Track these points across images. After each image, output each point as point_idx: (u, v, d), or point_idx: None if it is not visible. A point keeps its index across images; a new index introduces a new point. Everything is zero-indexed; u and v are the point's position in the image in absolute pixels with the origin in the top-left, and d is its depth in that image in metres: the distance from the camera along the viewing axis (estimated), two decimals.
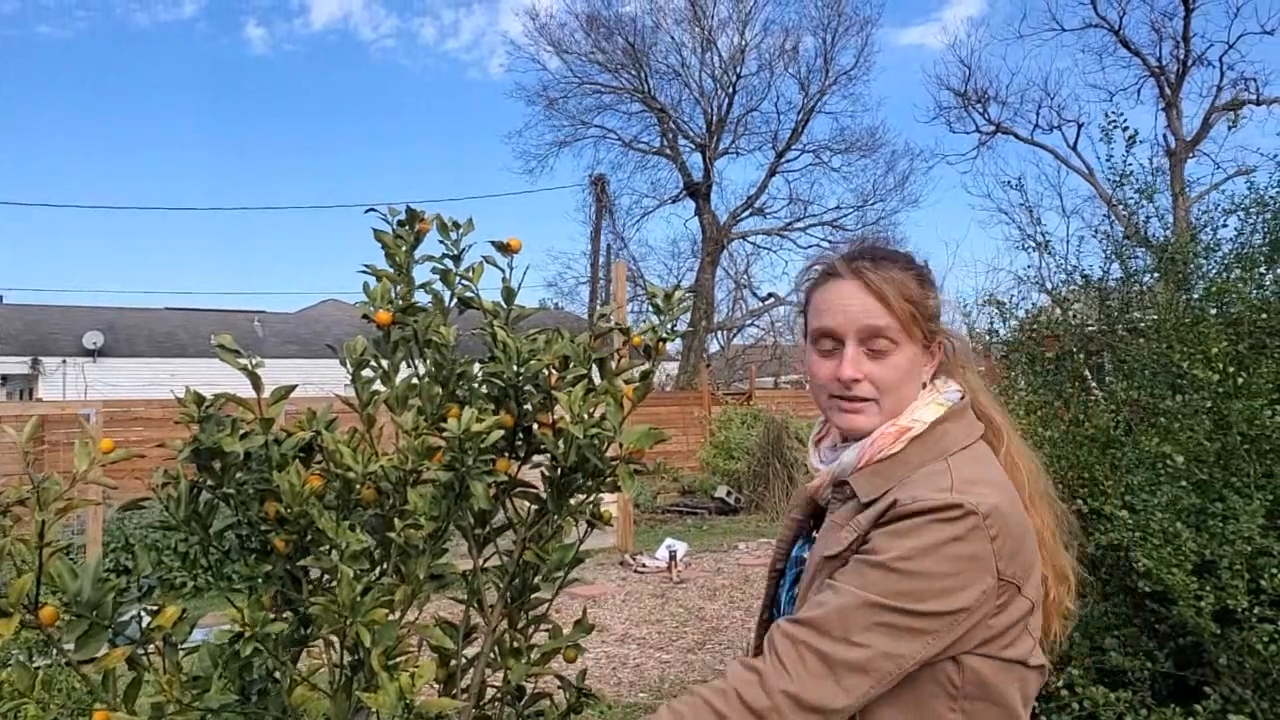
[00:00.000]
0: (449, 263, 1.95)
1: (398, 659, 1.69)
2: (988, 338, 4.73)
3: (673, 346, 27.83)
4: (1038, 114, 27.07)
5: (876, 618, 1.25)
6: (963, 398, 1.48)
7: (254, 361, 1.75)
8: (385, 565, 1.82)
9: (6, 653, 3.44)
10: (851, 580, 1.30)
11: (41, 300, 30.08)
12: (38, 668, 1.99)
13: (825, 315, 1.46)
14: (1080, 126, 26.15)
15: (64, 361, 26.64)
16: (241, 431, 1.73)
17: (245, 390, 1.79)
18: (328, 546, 1.69)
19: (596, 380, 1.93)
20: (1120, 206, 4.67)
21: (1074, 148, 26.39)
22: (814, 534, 1.55)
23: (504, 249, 1.93)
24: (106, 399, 14.82)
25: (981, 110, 27.98)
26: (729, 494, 14.81)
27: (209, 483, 1.77)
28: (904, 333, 1.42)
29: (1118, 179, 4.56)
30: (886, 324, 1.41)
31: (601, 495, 1.99)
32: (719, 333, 32.04)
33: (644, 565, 10.03)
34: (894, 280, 1.43)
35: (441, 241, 1.94)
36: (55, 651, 1.63)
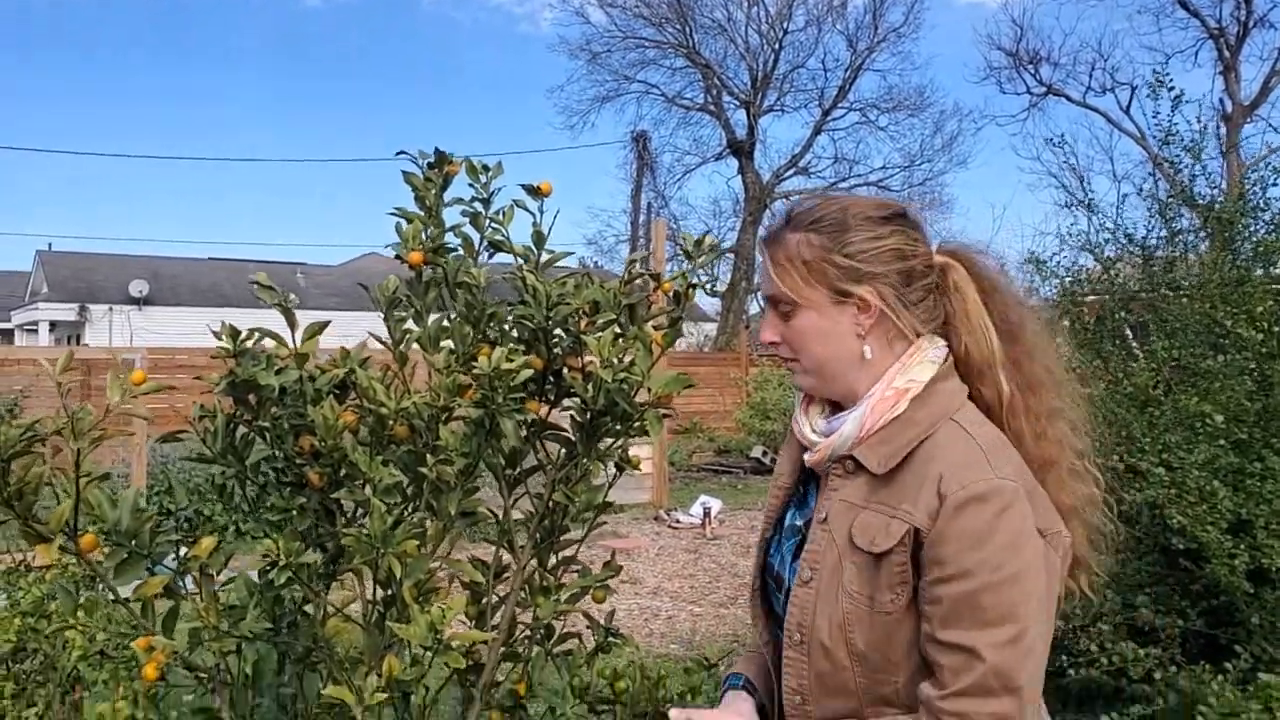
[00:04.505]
0: (479, 206, 1.96)
1: (429, 592, 1.73)
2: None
3: (711, 307, 27.68)
4: (1090, 76, 26.48)
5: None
6: (947, 357, 1.44)
7: (290, 299, 1.78)
8: (418, 501, 1.86)
9: (55, 585, 3.55)
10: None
11: (90, 248, 30.59)
12: (86, 597, 2.06)
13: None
14: (1134, 89, 25.50)
15: (110, 309, 27.14)
16: (277, 367, 1.76)
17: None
18: (361, 481, 1.72)
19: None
20: (1166, 165, 4.59)
21: (1127, 111, 25.80)
22: (808, 500, 1.54)
23: (534, 192, 1.93)
24: (151, 346, 15.07)
25: (1033, 71, 27.41)
26: (764, 454, 14.81)
27: (245, 416, 1.80)
28: (798, 294, 1.43)
29: (1164, 137, 4.48)
30: (775, 291, 1.46)
31: (631, 440, 2.01)
32: (759, 294, 31.85)
33: (678, 521, 10.10)
34: (782, 245, 1.46)
35: (471, 185, 1.95)
36: (99, 582, 1.68)
